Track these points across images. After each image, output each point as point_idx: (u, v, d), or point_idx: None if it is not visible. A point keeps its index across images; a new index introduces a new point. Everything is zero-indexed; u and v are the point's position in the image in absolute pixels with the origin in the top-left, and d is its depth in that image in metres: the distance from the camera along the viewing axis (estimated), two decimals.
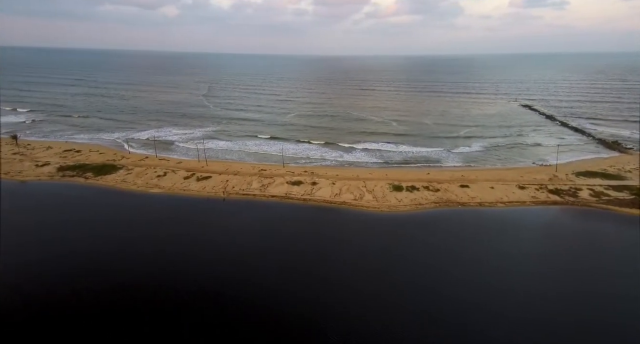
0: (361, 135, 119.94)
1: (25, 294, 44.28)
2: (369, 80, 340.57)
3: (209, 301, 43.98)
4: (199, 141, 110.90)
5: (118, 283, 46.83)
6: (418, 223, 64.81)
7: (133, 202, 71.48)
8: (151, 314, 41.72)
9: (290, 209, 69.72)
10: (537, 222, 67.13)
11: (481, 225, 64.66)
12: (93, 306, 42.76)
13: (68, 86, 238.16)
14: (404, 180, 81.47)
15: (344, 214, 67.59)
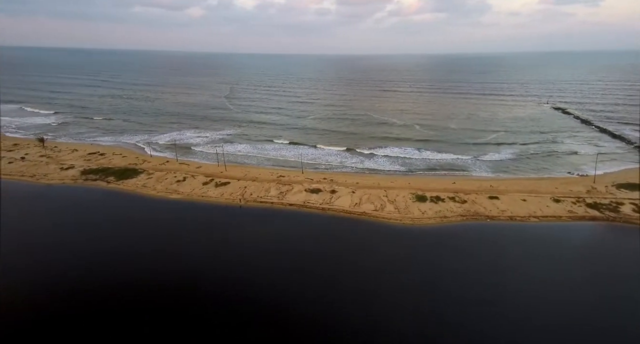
0: (382, 140, 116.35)
1: (35, 297, 44.31)
2: (390, 81, 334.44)
3: (220, 308, 42.79)
4: (219, 145, 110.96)
5: (133, 287, 46.60)
6: (443, 238, 61.16)
7: (151, 209, 71.23)
8: (163, 316, 41.33)
9: (308, 218, 67.57)
10: (575, 240, 62.12)
11: (512, 242, 60.36)
12: (101, 305, 43.57)
13: (95, 87, 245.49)
14: (427, 189, 77.70)
15: (364, 225, 64.78)
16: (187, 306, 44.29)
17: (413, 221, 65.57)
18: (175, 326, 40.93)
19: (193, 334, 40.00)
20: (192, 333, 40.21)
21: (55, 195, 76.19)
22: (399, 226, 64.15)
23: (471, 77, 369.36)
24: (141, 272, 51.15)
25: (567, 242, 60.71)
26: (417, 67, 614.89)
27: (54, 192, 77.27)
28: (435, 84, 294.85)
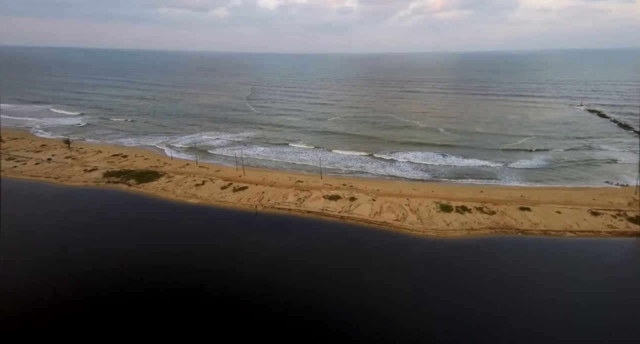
0: (404, 144, 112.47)
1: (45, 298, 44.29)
2: (413, 81, 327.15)
3: (230, 316, 41.68)
4: (238, 147, 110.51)
5: (146, 291, 46.01)
6: (470, 252, 57.44)
7: (169, 213, 70.91)
8: (172, 319, 40.26)
9: (325, 227, 65.30)
10: (616, 258, 57.10)
11: (546, 259, 56.05)
12: (110, 305, 44.01)
13: (120, 88, 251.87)
14: (453, 199, 73.81)
15: (385, 236, 61.83)
16: (197, 311, 43.47)
17: (437, 233, 62.12)
18: (184, 331, 39.90)
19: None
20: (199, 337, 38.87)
21: (76, 198, 77.24)
22: (422, 238, 60.87)
23: (498, 76, 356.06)
24: (153, 276, 51.21)
25: (607, 261, 55.84)
26: (441, 66, 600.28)
27: (76, 195, 78.38)
28: (460, 85, 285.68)
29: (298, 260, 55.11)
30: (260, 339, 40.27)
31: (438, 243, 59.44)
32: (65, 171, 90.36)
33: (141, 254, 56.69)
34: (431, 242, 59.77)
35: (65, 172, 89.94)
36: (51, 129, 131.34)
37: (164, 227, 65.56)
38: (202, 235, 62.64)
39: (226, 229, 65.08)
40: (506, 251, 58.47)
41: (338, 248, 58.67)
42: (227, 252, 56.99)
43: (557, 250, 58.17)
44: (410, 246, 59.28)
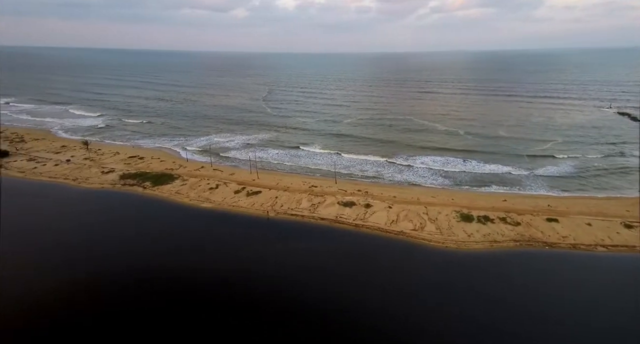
0: (423, 148, 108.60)
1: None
2: (432, 81, 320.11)
3: (237, 325, 39.59)
4: (253, 149, 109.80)
5: (152, 296, 44.71)
6: (493, 267, 54.26)
7: (182, 218, 70.24)
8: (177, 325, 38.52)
9: (339, 235, 63.09)
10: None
11: (576, 275, 52.33)
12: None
13: (139, 88, 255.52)
14: (474, 207, 70.34)
15: (401, 247, 59.18)
16: (201, 318, 42.11)
17: (457, 244, 59.01)
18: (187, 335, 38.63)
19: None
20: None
21: (92, 200, 77.62)
22: (441, 249, 57.92)
23: (522, 76, 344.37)
24: (159, 280, 50.92)
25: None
26: (461, 65, 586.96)
27: (92, 197, 78.80)
28: (482, 85, 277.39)
29: (310, 270, 53.23)
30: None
31: (459, 256, 56.37)
32: (83, 173, 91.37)
33: (148, 257, 56.42)
34: (451, 254, 56.76)
35: (83, 173, 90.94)
36: (71, 129, 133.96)
37: (174, 231, 64.88)
38: (213, 240, 61.68)
39: (237, 235, 63.79)
40: (532, 266, 54.87)
41: (352, 258, 56.45)
42: (237, 260, 55.64)
43: (588, 266, 54.27)
44: (429, 258, 56.46)
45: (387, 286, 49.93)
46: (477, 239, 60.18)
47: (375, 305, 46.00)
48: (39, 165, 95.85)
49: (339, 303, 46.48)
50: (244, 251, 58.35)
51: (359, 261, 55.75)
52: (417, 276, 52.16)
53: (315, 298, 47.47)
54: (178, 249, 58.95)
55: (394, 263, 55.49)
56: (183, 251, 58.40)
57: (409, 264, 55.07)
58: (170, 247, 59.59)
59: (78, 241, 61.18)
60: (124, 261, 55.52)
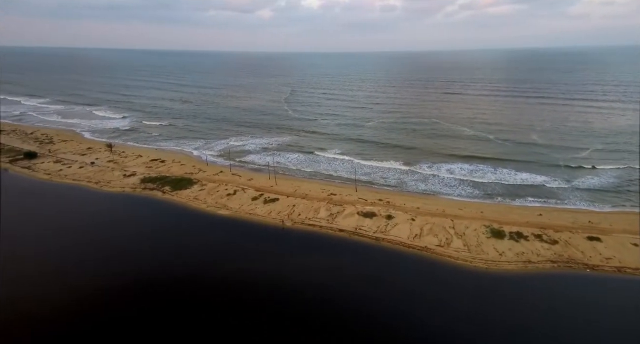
0: (449, 155, 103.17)
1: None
2: (459, 81, 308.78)
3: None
4: (272, 154, 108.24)
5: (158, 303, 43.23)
6: (527, 291, 49.55)
7: (197, 225, 69.19)
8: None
9: (358, 249, 59.83)
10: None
11: (623, 304, 46.84)
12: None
13: (164, 90, 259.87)
14: (506, 222, 65.23)
15: (425, 264, 55.26)
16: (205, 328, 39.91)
17: (487, 264, 54.46)
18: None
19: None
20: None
21: (111, 205, 78.06)
22: (469, 269, 53.59)
23: (556, 76, 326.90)
24: (162, 288, 50.52)
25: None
26: (491, 64, 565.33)
27: (112, 201, 79.24)
28: (513, 86, 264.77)
29: (326, 287, 50.30)
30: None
31: (489, 277, 51.92)
32: (106, 176, 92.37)
33: (157, 265, 56.22)
34: (480, 275, 52.36)
35: (105, 176, 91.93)
36: (98, 131, 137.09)
37: (188, 239, 63.84)
38: (226, 251, 60.11)
39: (252, 245, 61.73)
40: (571, 291, 49.79)
41: (371, 275, 53.09)
42: (250, 273, 53.54)
43: (636, 293, 48.52)
44: (455, 278, 52.29)
45: (409, 307, 46.35)
46: (509, 259, 55.38)
47: (395, 331, 42.56)
48: (64, 167, 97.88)
49: (355, 326, 43.40)
50: (258, 264, 56.22)
51: (378, 279, 52.24)
52: (441, 300, 48.10)
53: (329, 318, 44.59)
54: (190, 258, 57.86)
55: (416, 283, 51.64)
56: (195, 262, 57.14)
57: (433, 285, 51.06)
58: (182, 256, 58.61)
59: (91, 245, 61.21)
60: (130, 267, 55.23)
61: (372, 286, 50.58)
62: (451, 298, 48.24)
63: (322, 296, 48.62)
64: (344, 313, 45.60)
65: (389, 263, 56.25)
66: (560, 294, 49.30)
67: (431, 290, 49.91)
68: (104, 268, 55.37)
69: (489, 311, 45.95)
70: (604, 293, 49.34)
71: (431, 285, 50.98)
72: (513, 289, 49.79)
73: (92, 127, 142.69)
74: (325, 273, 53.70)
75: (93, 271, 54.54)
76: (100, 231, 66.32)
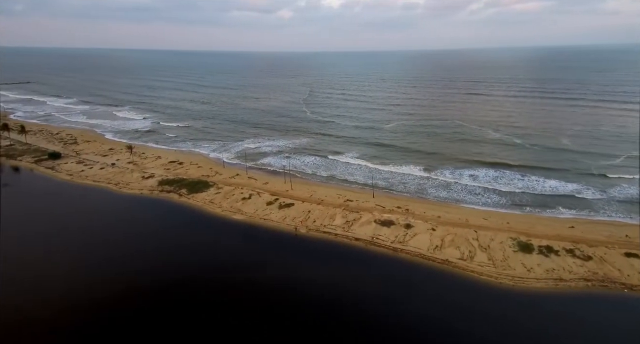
0: (473, 160, 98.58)
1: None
2: (484, 81, 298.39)
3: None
4: (289, 157, 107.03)
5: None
6: (558, 312, 45.88)
7: (211, 229, 68.71)
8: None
9: (374, 260, 57.44)
10: None
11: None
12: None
13: (184, 91, 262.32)
14: (534, 235, 61.17)
15: (446, 279, 52.24)
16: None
17: (514, 280, 50.91)
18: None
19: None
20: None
21: (128, 207, 78.66)
22: (494, 286, 50.24)
23: (587, 76, 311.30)
24: (167, 292, 49.66)
25: None
26: (518, 63, 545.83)
27: (129, 203, 79.82)
28: (541, 86, 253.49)
29: (339, 301, 48.20)
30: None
31: (516, 295, 48.48)
32: (125, 177, 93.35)
33: (165, 268, 56.26)
34: (507, 292, 48.95)
35: (125, 178, 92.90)
36: (120, 132, 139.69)
37: (201, 244, 63.63)
38: (239, 257, 59.33)
39: (265, 252, 60.64)
40: (607, 313, 45.84)
41: (388, 289, 50.63)
42: (261, 282, 52.14)
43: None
44: (479, 295, 49.13)
45: (428, 331, 43.68)
46: (538, 276, 51.60)
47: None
48: (86, 168, 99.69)
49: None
50: (269, 272, 54.92)
51: (395, 294, 49.71)
52: (464, 320, 45.03)
53: (340, 334, 42.44)
54: (200, 263, 57.62)
55: (437, 300, 48.73)
56: (205, 267, 56.83)
57: (455, 302, 47.96)
58: (192, 260, 58.53)
59: (103, 247, 61.74)
60: (139, 270, 55.62)
61: (388, 302, 48.12)
62: (474, 318, 45.16)
63: (333, 310, 46.59)
64: (357, 329, 43.46)
65: (407, 276, 53.58)
66: (595, 316, 45.55)
67: (452, 308, 46.86)
68: (114, 269, 55.72)
69: (516, 334, 42.70)
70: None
71: (452, 302, 47.90)
72: (542, 309, 46.14)
73: (114, 128, 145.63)
74: (339, 285, 51.55)
75: (102, 271, 55.06)
76: (114, 233, 66.93)
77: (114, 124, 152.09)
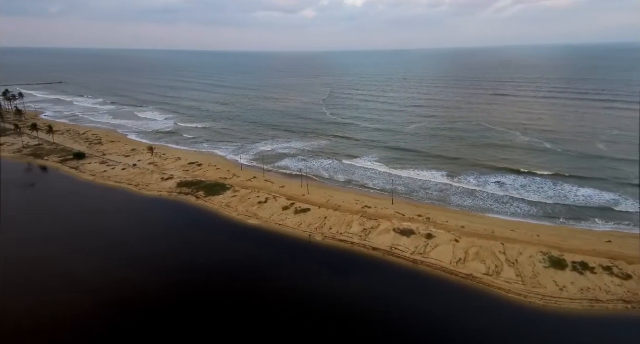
0: (499, 166, 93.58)
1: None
2: (512, 81, 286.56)
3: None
4: (306, 160, 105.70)
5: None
6: (594, 336, 41.98)
7: (226, 234, 68.25)
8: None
9: (392, 272, 54.93)
10: None
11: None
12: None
13: (208, 92, 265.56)
14: (567, 249, 56.88)
15: (470, 296, 49.08)
16: None
17: (545, 300, 47.23)
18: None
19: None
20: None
21: (146, 209, 79.39)
22: (523, 305, 46.80)
23: (624, 76, 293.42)
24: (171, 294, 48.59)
25: None
26: (548, 62, 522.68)
27: (147, 205, 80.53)
28: (573, 86, 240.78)
29: (353, 316, 46.06)
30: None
31: (546, 316, 44.85)
32: (145, 179, 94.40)
33: (177, 273, 56.11)
34: (536, 313, 45.41)
35: (145, 179, 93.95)
36: (143, 133, 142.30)
37: (215, 249, 63.37)
38: (253, 264, 58.19)
39: (279, 260, 59.29)
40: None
41: (407, 305, 47.98)
42: (274, 292, 50.69)
43: None
44: (506, 315, 45.89)
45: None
46: (571, 295, 47.69)
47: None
48: (108, 169, 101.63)
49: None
50: (283, 281, 53.58)
51: (414, 311, 47.04)
52: (490, 337, 41.96)
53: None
54: (213, 269, 57.13)
55: (460, 319, 45.63)
56: (218, 272, 56.28)
57: (479, 322, 44.85)
58: (204, 266, 58.22)
59: (118, 248, 62.57)
60: (149, 270, 56.07)
61: (405, 318, 45.55)
62: (500, 340, 41.91)
63: (347, 325, 44.54)
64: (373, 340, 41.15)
65: (428, 291, 50.80)
66: (636, 342, 41.28)
67: (477, 329, 43.78)
68: (126, 270, 56.37)
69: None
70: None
71: (477, 322, 44.80)
72: (576, 334, 42.45)
73: (137, 129, 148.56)
74: (354, 298, 49.44)
75: (113, 272, 55.65)
76: (130, 235, 67.97)
77: (138, 125, 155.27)
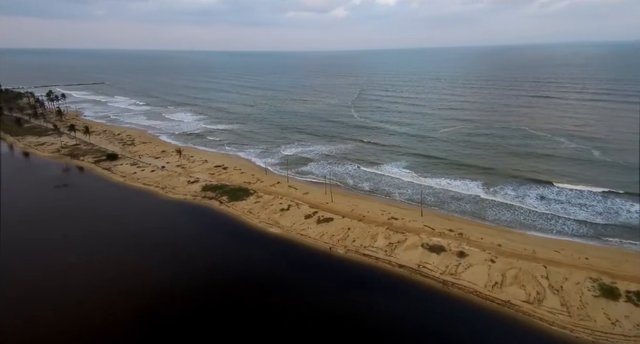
0: (540, 177, 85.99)
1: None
2: (556, 81, 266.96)
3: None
4: (331, 165, 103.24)
5: None
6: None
7: (245, 242, 67.53)
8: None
9: (419, 295, 50.93)
10: None
11: None
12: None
13: (237, 93, 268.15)
14: (620, 276, 50.38)
15: (507, 326, 44.25)
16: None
17: (594, 335, 41.64)
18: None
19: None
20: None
21: (170, 212, 79.88)
22: (569, 340, 41.38)
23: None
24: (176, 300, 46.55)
25: None
26: (595, 61, 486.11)
27: (171, 209, 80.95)
28: (625, 88, 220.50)
29: (375, 339, 42.71)
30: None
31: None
32: (172, 181, 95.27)
33: (192, 279, 55.66)
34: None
35: (172, 182, 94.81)
36: (173, 134, 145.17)
37: (233, 258, 62.34)
38: (270, 278, 56.02)
39: (299, 274, 56.88)
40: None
41: (433, 331, 44.03)
42: (290, 307, 48.29)
43: None
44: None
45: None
46: (625, 331, 41.78)
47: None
48: (138, 170, 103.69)
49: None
50: (299, 295, 51.21)
51: (442, 338, 42.97)
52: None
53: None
54: (228, 277, 56.50)
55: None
56: (234, 281, 55.26)
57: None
58: (220, 273, 57.55)
59: (140, 251, 63.07)
60: (161, 273, 55.43)
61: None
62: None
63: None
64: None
65: (458, 317, 46.35)
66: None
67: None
68: (142, 274, 56.01)
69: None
70: None
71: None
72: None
73: (168, 130, 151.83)
74: (376, 320, 45.97)
75: (128, 275, 55.13)
76: (150, 239, 68.24)
77: (169, 126, 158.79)
